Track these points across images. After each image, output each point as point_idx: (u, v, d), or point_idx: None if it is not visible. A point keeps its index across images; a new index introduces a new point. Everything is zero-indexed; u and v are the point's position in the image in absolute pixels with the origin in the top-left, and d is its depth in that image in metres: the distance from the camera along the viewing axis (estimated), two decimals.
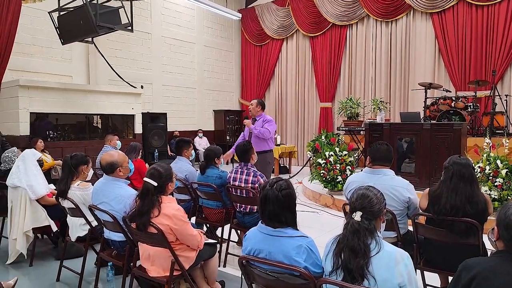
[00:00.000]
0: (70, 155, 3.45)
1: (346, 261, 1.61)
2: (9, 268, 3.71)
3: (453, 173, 2.45)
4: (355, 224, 1.65)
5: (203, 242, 2.65)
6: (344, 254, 1.63)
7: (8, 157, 4.37)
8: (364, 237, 1.62)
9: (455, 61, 8.45)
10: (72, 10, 5.70)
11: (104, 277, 3.17)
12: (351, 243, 1.62)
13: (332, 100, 10.82)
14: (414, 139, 5.66)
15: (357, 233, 1.63)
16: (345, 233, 1.67)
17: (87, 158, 3.51)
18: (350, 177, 3.01)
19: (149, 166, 2.97)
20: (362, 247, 1.60)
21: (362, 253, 1.59)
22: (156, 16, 9.91)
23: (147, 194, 2.44)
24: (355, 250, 1.60)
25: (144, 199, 2.43)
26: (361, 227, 1.64)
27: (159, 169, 2.51)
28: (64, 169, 3.44)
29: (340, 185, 5.88)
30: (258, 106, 4.85)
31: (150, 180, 2.46)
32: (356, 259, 1.59)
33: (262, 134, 4.62)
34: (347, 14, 10.16)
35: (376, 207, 1.71)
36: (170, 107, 10.22)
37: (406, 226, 2.83)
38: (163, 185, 2.50)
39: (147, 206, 2.41)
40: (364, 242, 1.61)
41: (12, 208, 3.78)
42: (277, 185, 1.88)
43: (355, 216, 1.67)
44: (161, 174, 2.49)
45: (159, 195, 2.47)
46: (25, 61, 7.07)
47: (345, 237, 1.66)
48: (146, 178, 2.48)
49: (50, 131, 6.60)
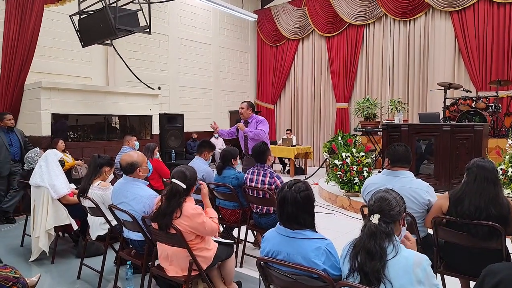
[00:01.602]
0: (99, 155, 3.56)
1: (362, 263, 1.60)
2: (32, 265, 3.82)
3: (477, 175, 2.40)
4: (372, 227, 1.64)
5: (217, 227, 2.64)
6: (360, 256, 1.62)
7: (31, 157, 4.48)
8: (381, 240, 1.60)
9: (475, 60, 8.26)
10: (92, 13, 5.81)
11: (123, 275, 3.23)
12: (368, 245, 1.61)
13: (348, 101, 10.72)
14: (433, 140, 5.56)
15: (374, 236, 1.61)
16: (362, 236, 1.66)
17: (113, 162, 3.64)
18: (368, 179, 2.98)
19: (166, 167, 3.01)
20: (378, 250, 1.58)
21: (378, 256, 1.57)
22: (173, 18, 10.03)
23: (175, 195, 2.48)
24: (371, 253, 1.59)
25: (171, 200, 2.47)
26: (378, 230, 1.62)
27: (185, 172, 2.56)
28: (90, 167, 3.53)
29: (357, 187, 5.82)
30: (249, 109, 4.91)
31: (180, 182, 2.50)
32: (372, 262, 1.57)
33: (258, 135, 4.71)
34: (364, 13, 10.06)
35: (395, 210, 1.69)
36: (187, 108, 10.31)
37: (426, 229, 2.78)
38: (189, 188, 2.55)
39: (172, 207, 2.45)
40: (380, 245, 1.59)
41: (35, 207, 3.89)
42: (296, 187, 1.87)
43: (372, 219, 1.66)
44: (187, 177, 2.53)
45: (185, 197, 2.51)
46: (47, 64, 7.25)
47: (362, 240, 1.65)
48: (175, 180, 2.51)
49: (70, 132, 6.76)
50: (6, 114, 5.50)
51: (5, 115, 5.47)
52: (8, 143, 5.41)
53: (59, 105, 6.27)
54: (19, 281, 2.33)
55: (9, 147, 5.40)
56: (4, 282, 2.27)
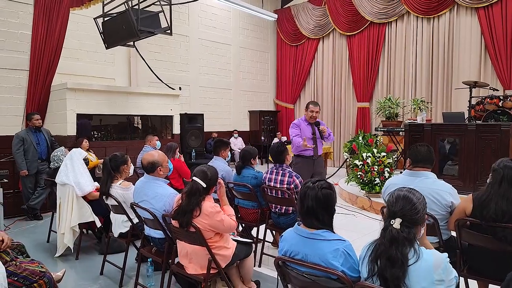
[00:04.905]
0: (109, 158, 3.58)
1: (382, 269, 1.56)
2: (57, 261, 3.94)
3: (503, 177, 2.32)
4: (394, 232, 1.58)
5: (234, 224, 2.67)
6: (380, 262, 1.58)
7: (57, 156, 4.63)
8: (403, 247, 1.55)
9: (503, 58, 7.98)
10: (115, 15, 5.95)
11: (144, 272, 3.29)
12: (389, 252, 1.56)
13: (369, 100, 10.56)
14: (457, 141, 5.41)
15: (396, 241, 1.56)
16: (382, 240, 1.61)
17: (125, 157, 3.63)
18: (390, 180, 2.92)
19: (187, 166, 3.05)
20: (399, 257, 1.53)
21: (399, 264, 1.53)
22: (193, 19, 10.14)
23: (194, 193, 2.52)
24: (393, 260, 1.54)
25: (191, 198, 2.51)
26: (400, 236, 1.56)
27: (207, 172, 2.60)
28: (104, 171, 3.58)
29: (378, 187, 5.73)
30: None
31: (200, 181, 2.54)
32: (392, 269, 1.53)
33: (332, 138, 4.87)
34: (386, 11, 9.89)
35: (419, 214, 1.63)
36: (207, 108, 10.41)
37: (449, 231, 2.71)
38: (209, 187, 2.58)
39: (192, 205, 2.49)
40: (402, 252, 1.54)
41: (60, 204, 4.02)
42: (318, 184, 1.87)
43: (394, 223, 1.60)
44: (207, 177, 2.58)
45: (204, 196, 2.55)
46: (72, 65, 7.46)
47: (382, 244, 1.59)
48: (196, 178, 2.56)
49: (93, 132, 6.93)
50: (34, 114, 5.71)
51: (33, 115, 5.68)
52: (36, 142, 5.61)
53: (83, 106, 6.45)
54: (45, 276, 2.41)
55: (37, 146, 5.60)
56: (31, 276, 2.36)
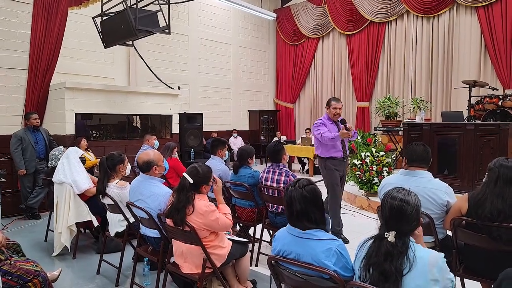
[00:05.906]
0: (106, 157, 3.59)
1: (375, 281, 1.54)
2: (54, 260, 3.95)
3: (499, 176, 2.31)
4: (389, 246, 1.55)
5: (230, 223, 2.66)
6: (373, 274, 1.55)
7: (55, 155, 4.61)
8: (397, 261, 1.52)
9: (503, 57, 7.96)
10: (114, 15, 5.95)
11: (140, 271, 3.29)
12: (383, 266, 1.53)
13: (369, 99, 10.55)
14: (456, 140, 5.39)
15: (390, 256, 1.53)
16: (376, 252, 1.57)
17: (122, 156, 3.64)
18: (385, 179, 2.91)
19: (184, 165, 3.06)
20: (394, 272, 1.51)
21: (393, 279, 1.50)
22: (193, 18, 10.13)
23: (182, 189, 2.53)
24: (386, 275, 1.52)
25: (180, 194, 2.52)
26: (395, 250, 1.54)
27: (198, 168, 2.60)
28: (101, 170, 3.58)
29: (376, 187, 5.72)
30: None
31: (187, 176, 2.55)
32: (386, 284, 1.51)
33: (356, 135, 4.62)
34: (386, 10, 9.87)
35: (414, 223, 1.61)
36: (206, 108, 10.41)
37: (445, 231, 2.70)
38: (198, 185, 2.57)
39: (182, 202, 2.49)
40: (396, 266, 1.51)
41: (57, 203, 4.01)
42: (299, 183, 1.88)
43: (388, 236, 1.57)
44: (198, 173, 2.57)
45: (194, 192, 2.54)
46: (71, 64, 7.46)
47: (376, 256, 1.56)
48: (185, 174, 2.57)
49: (92, 131, 6.93)
50: (32, 114, 5.71)
51: (31, 115, 5.68)
52: (34, 141, 5.61)
53: (82, 105, 6.44)
54: (39, 275, 2.41)
55: (35, 145, 5.60)
56: (25, 275, 2.36)
